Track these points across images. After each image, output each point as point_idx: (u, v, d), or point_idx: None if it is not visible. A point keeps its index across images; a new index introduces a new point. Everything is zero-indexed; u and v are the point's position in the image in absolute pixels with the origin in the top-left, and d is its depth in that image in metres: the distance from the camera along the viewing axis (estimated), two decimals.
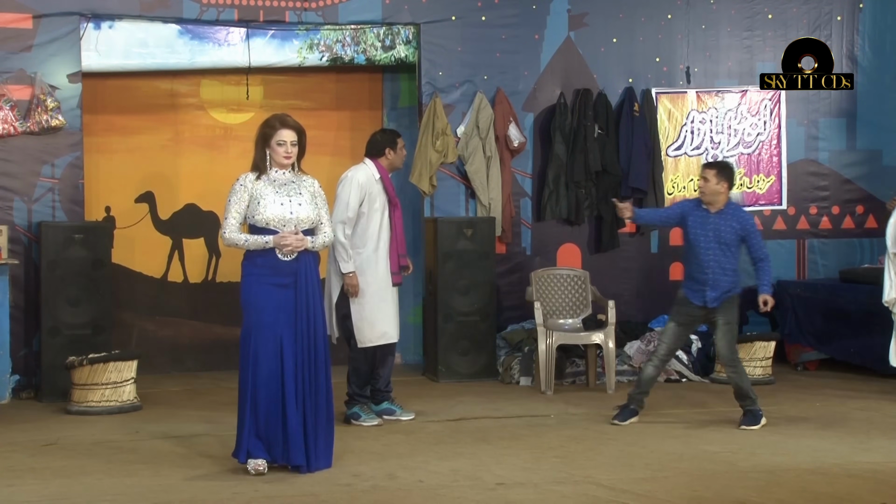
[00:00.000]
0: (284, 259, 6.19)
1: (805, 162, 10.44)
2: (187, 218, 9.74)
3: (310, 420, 6.23)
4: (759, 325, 10.22)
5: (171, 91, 9.74)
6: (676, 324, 7.60)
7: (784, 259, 10.32)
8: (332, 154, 10.05)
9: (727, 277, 7.46)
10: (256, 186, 6.22)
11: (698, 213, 7.52)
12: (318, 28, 9.45)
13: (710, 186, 7.46)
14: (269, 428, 6.18)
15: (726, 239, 7.43)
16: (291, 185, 6.28)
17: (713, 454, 6.75)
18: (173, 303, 9.74)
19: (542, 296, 9.21)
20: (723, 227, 7.44)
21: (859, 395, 8.62)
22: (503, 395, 8.72)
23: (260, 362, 6.15)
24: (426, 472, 6.33)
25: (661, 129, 10.11)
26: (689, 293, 7.53)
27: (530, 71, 9.88)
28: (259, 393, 6.16)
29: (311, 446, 6.24)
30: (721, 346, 7.55)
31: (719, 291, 7.44)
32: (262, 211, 6.18)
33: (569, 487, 6.02)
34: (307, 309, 6.23)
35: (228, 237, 6.22)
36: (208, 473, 6.30)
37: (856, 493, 5.88)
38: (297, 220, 6.23)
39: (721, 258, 7.44)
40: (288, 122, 6.29)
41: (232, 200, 6.22)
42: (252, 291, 6.19)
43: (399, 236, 7.64)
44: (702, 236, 7.46)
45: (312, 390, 6.24)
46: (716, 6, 10.23)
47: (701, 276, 7.45)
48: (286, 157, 6.26)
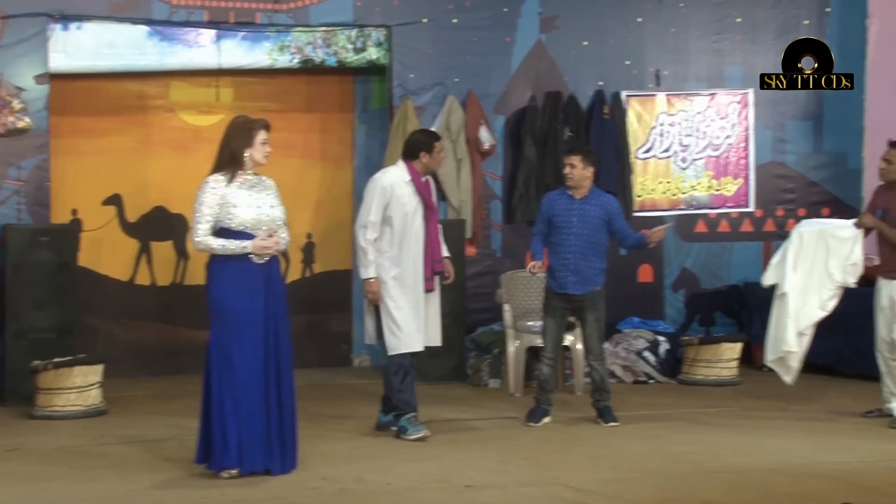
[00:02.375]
0: (258, 262, 6.16)
1: (772, 164, 10.51)
2: (155, 221, 9.69)
3: (278, 423, 6.20)
4: (725, 326, 10.30)
5: (140, 93, 9.68)
6: (551, 318, 7.70)
7: (751, 261, 10.38)
8: (302, 156, 10.05)
9: (589, 265, 7.57)
10: (229, 189, 6.15)
11: (564, 199, 7.65)
12: (288, 30, 9.44)
13: (578, 172, 7.58)
14: (245, 435, 6.11)
15: (592, 223, 7.56)
16: (259, 185, 6.26)
17: (680, 455, 6.79)
18: (140, 306, 9.68)
19: (512, 298, 9.22)
20: (588, 211, 7.58)
21: (823, 396, 8.69)
22: (472, 398, 8.73)
23: (236, 367, 6.09)
24: (395, 475, 6.33)
25: (631, 131, 10.16)
26: (550, 282, 7.68)
27: (501, 73, 9.91)
28: (237, 398, 6.09)
29: (282, 449, 6.22)
30: (591, 342, 7.69)
31: (580, 277, 7.55)
32: (238, 214, 6.11)
33: (537, 489, 6.04)
34: (277, 311, 6.21)
35: (201, 242, 6.11)
36: (175, 478, 6.26)
37: (820, 493, 5.93)
38: (270, 222, 6.20)
39: (584, 244, 7.56)
40: (265, 122, 6.27)
41: (204, 203, 6.10)
42: (226, 295, 6.12)
43: (434, 241, 7.30)
44: (567, 221, 7.58)
45: (281, 393, 6.22)
46: (685, 10, 10.29)
47: (562, 262, 7.56)
48: (266, 157, 6.23)
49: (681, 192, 10.32)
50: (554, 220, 7.65)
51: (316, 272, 10.18)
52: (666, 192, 10.28)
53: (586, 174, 7.62)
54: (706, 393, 8.94)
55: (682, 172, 10.31)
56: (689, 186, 10.33)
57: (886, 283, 7.62)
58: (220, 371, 6.11)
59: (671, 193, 10.29)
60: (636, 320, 9.85)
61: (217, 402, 6.12)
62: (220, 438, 6.10)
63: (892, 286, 7.58)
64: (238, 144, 6.17)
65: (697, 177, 10.35)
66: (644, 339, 9.55)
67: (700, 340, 9.45)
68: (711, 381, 9.22)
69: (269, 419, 6.17)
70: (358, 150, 10.21)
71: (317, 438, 7.17)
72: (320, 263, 10.18)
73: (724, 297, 10.40)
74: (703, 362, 9.31)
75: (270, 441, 6.18)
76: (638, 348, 9.47)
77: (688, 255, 10.37)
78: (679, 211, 10.30)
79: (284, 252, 9.78)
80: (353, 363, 10.27)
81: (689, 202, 10.33)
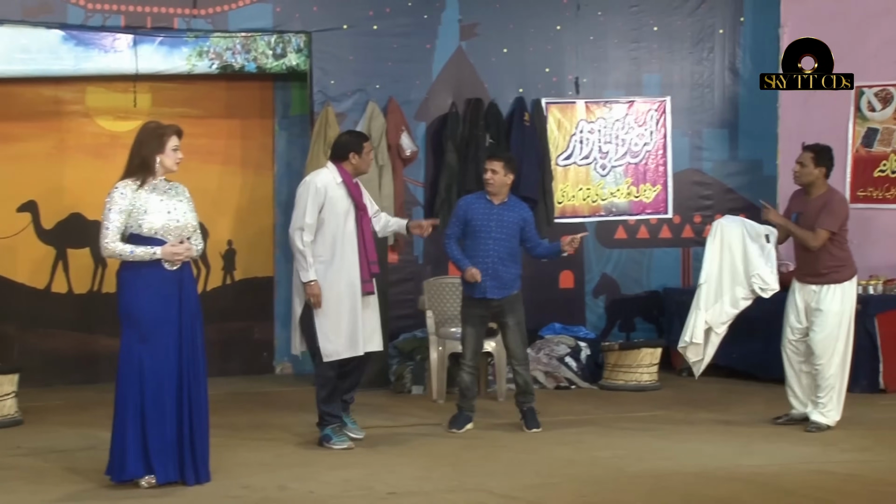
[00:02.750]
0: (170, 269, 6.10)
1: (690, 171, 10.66)
2: (72, 227, 9.53)
3: (195, 432, 6.13)
4: (645, 331, 10.42)
5: (55, 98, 9.53)
6: (470, 326, 7.69)
7: (669, 266, 10.53)
8: (223, 163, 9.96)
9: (507, 269, 7.63)
10: (139, 195, 6.09)
11: (482, 203, 7.68)
12: (207, 35, 9.34)
13: (499, 178, 7.63)
14: (160, 443, 6.04)
15: (510, 229, 7.62)
16: (172, 192, 6.19)
17: (602, 460, 6.85)
18: (57, 314, 9.52)
19: (435, 304, 9.24)
20: (507, 217, 7.64)
21: (741, 400, 8.82)
22: (395, 405, 8.72)
23: (148, 375, 6.03)
24: (317, 483, 6.29)
25: (551, 138, 10.23)
26: (467, 289, 7.65)
27: (422, 80, 9.92)
28: (148, 408, 6.02)
29: (197, 459, 6.15)
30: (514, 347, 7.70)
31: (499, 282, 7.60)
32: (149, 220, 6.05)
33: (461, 496, 6.05)
34: (190, 319, 6.15)
35: (111, 248, 6.04)
36: (91, 489, 6.16)
37: (739, 497, 6.02)
38: (183, 228, 6.14)
39: (502, 249, 7.61)
40: (177, 127, 6.21)
41: (113, 209, 6.04)
42: (137, 302, 6.05)
43: (369, 242, 7.21)
44: (485, 226, 7.61)
45: (197, 402, 6.15)
46: (603, 18, 10.39)
47: (481, 267, 7.56)
48: (178, 164, 6.17)
49: (601, 198, 10.42)
50: (471, 224, 7.65)
51: (237, 279, 10.09)
52: (586, 198, 10.38)
53: (507, 181, 7.66)
54: (627, 398, 9.03)
55: (601, 179, 10.41)
56: (608, 193, 10.44)
57: (801, 286, 7.73)
58: (129, 379, 6.04)
59: (591, 200, 10.38)
60: (558, 326, 9.93)
61: (128, 410, 6.03)
62: (133, 447, 6.02)
63: (807, 290, 7.70)
64: (149, 150, 6.11)
65: (617, 183, 10.46)
66: (566, 345, 9.62)
67: (620, 346, 9.55)
68: (632, 387, 9.32)
69: (183, 428, 6.10)
70: (279, 157, 10.14)
71: (239, 447, 7.10)
72: (241, 270, 10.09)
73: (644, 303, 10.52)
74: (624, 368, 9.41)
75: (184, 451, 6.11)
76: (560, 354, 9.54)
77: (608, 262, 10.48)
78: (599, 217, 10.40)
79: (202, 259, 9.75)
80: (275, 371, 10.20)
81: (608, 209, 10.44)
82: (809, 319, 7.69)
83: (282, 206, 10.08)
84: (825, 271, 7.63)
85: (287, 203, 10.06)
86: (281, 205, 10.09)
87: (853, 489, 6.16)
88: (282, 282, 10.09)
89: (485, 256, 7.60)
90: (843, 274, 7.66)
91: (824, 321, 7.61)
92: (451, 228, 7.76)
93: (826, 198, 7.69)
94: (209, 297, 9.76)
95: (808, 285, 7.70)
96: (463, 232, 7.70)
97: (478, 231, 7.63)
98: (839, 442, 7.29)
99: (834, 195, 7.74)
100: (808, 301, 7.70)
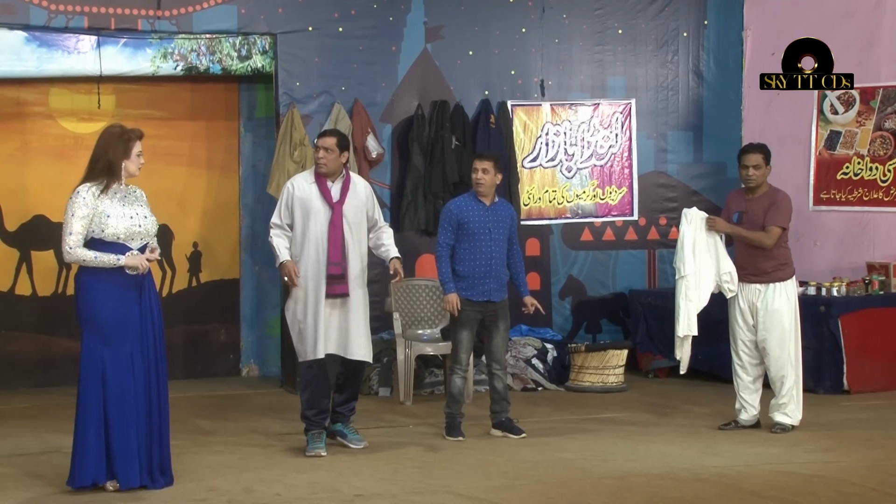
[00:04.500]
0: (131, 273, 6.05)
1: (655, 174, 10.72)
2: (36, 230, 9.46)
3: (159, 436, 6.12)
4: (611, 333, 10.46)
5: (17, 99, 9.45)
6: (467, 330, 7.56)
7: (635, 268, 10.58)
8: (188, 165, 9.91)
9: (504, 271, 7.63)
10: (101, 200, 6.03)
11: (474, 205, 7.60)
12: (171, 37, 9.28)
13: (490, 178, 7.59)
14: (123, 448, 6.00)
15: (504, 230, 7.61)
16: (130, 196, 6.16)
17: (567, 461, 6.88)
18: (21, 317, 9.45)
19: (401, 307, 9.23)
20: (500, 218, 7.62)
21: (707, 401, 8.87)
22: (362, 406, 8.67)
23: (110, 379, 5.99)
24: (283, 485, 6.28)
25: (517, 140, 10.26)
26: (468, 294, 7.51)
27: (388, 82, 9.91)
28: (111, 412, 5.98)
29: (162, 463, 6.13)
30: (499, 351, 7.64)
31: (499, 284, 7.58)
32: (112, 225, 6.00)
33: (426, 498, 6.05)
34: (152, 323, 6.12)
35: (74, 253, 5.98)
36: (53, 494, 6.11)
37: (704, 497, 6.06)
38: (145, 233, 6.11)
39: (500, 251, 7.59)
40: (141, 132, 6.19)
41: (76, 214, 5.99)
42: (99, 306, 6.01)
43: (334, 244, 7.08)
44: (483, 227, 7.54)
45: (159, 406, 6.12)
46: (568, 21, 10.43)
47: (483, 269, 7.50)
48: (139, 169, 6.15)
49: (567, 200, 10.46)
50: (468, 227, 7.50)
51: (203, 281, 10.04)
52: (552, 200, 10.40)
53: (496, 181, 7.62)
54: (593, 399, 9.06)
55: (567, 181, 10.45)
56: (574, 195, 10.47)
57: (744, 286, 7.72)
58: (91, 383, 6.00)
59: (557, 202, 10.42)
60: (524, 328, 9.95)
61: (90, 415, 5.99)
62: (95, 452, 5.98)
63: (751, 290, 7.69)
64: (115, 155, 6.07)
65: (583, 186, 10.50)
66: (532, 347, 9.65)
67: (587, 348, 9.58)
68: (598, 388, 9.35)
69: (149, 432, 6.07)
70: (244, 159, 10.11)
71: (204, 450, 7.08)
72: (207, 272, 10.05)
73: (610, 305, 10.56)
74: (591, 369, 9.44)
75: (148, 455, 6.08)
76: (527, 356, 9.57)
77: (574, 263, 10.51)
78: (565, 219, 10.44)
79: (168, 261, 9.71)
80: (241, 373, 10.16)
81: (574, 211, 10.48)
82: (756, 319, 7.70)
83: (247, 209, 10.05)
84: (770, 270, 7.65)
85: (252, 206, 10.06)
86: (246, 207, 10.06)
87: (817, 489, 6.21)
88: (247, 284, 10.06)
89: (487, 259, 7.52)
90: (786, 272, 7.70)
91: (775, 320, 7.61)
92: (444, 236, 7.56)
93: (771, 196, 7.71)
94: (175, 300, 9.71)
95: (751, 285, 7.69)
96: (455, 237, 7.57)
97: (476, 234, 7.52)
98: (803, 443, 7.36)
99: (778, 192, 7.76)
100: (752, 300, 7.69)
